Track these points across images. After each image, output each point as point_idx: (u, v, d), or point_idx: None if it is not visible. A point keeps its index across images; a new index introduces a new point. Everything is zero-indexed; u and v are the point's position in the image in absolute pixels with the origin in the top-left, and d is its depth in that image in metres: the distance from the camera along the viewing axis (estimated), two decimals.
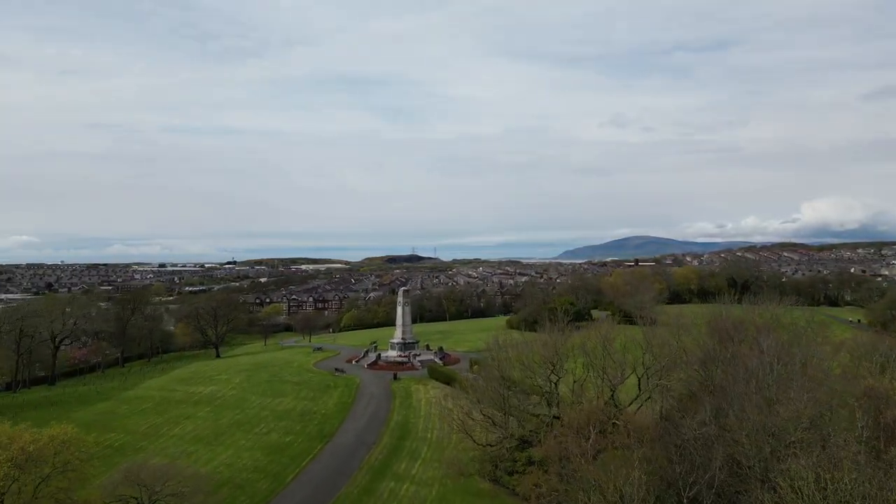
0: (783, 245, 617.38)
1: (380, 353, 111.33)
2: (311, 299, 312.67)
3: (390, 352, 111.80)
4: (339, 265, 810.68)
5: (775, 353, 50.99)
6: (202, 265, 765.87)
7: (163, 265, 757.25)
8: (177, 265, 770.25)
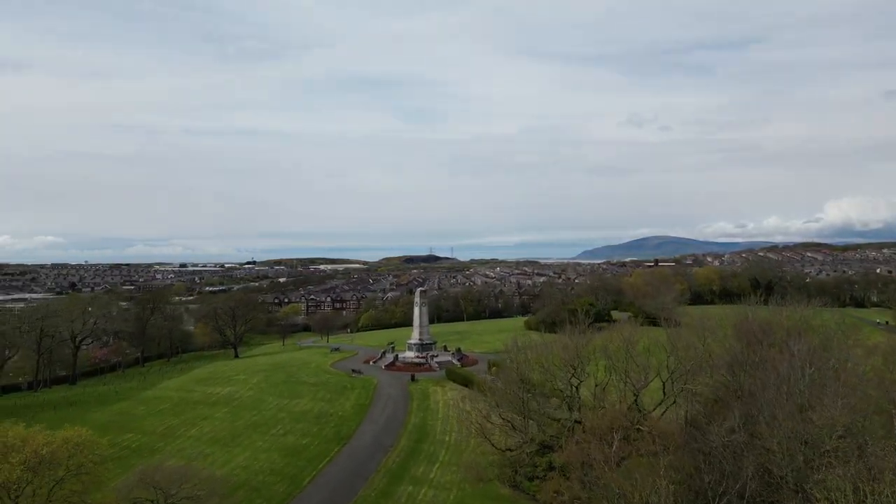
0: (806, 245, 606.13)
1: (397, 354, 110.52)
2: (330, 299, 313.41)
3: (408, 353, 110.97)
4: (357, 265, 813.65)
5: (807, 357, 49.13)
6: (222, 265, 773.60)
7: (184, 265, 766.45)
8: (197, 265, 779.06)
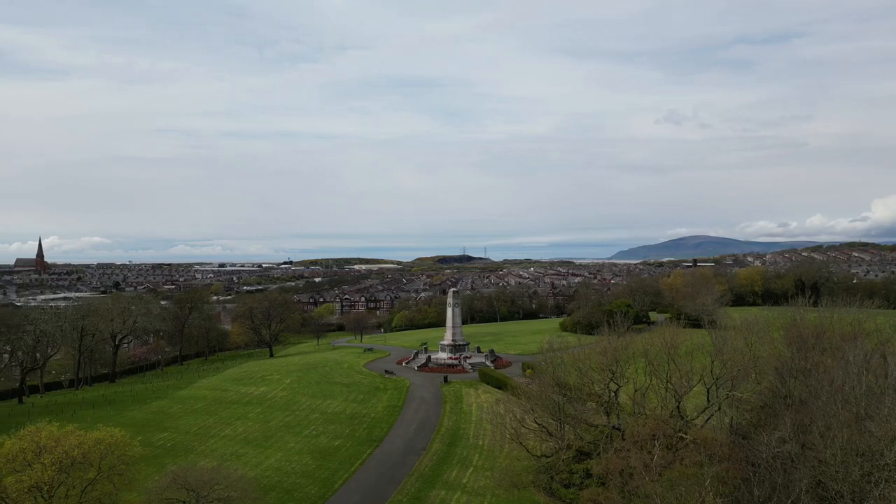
0: (852, 245, 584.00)
1: (430, 355, 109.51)
2: (364, 299, 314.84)
3: (440, 354, 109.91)
4: (391, 265, 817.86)
5: (862, 364, 46.23)
6: (260, 265, 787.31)
7: (223, 265, 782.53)
8: (236, 265, 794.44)
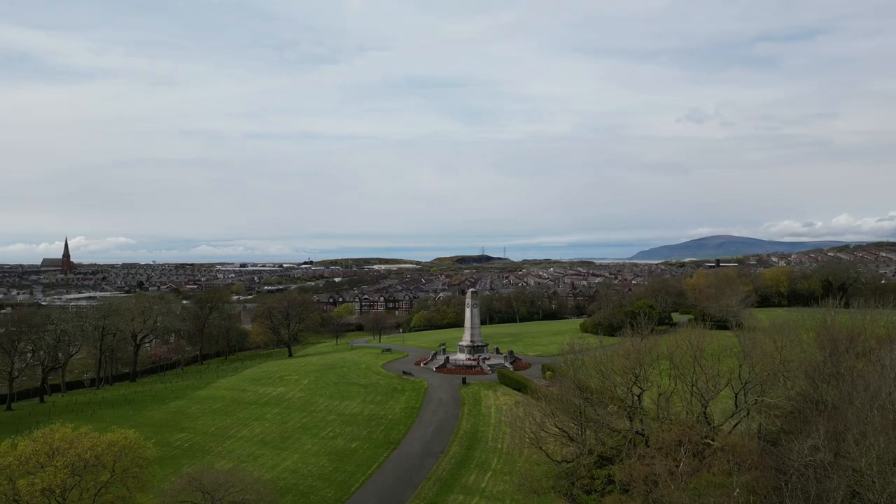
0: (880, 244, 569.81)
1: (448, 356, 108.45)
2: (382, 299, 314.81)
3: (459, 355, 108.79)
4: (410, 265, 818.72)
5: None
6: (280, 265, 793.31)
7: (244, 265, 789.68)
8: (257, 265, 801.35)
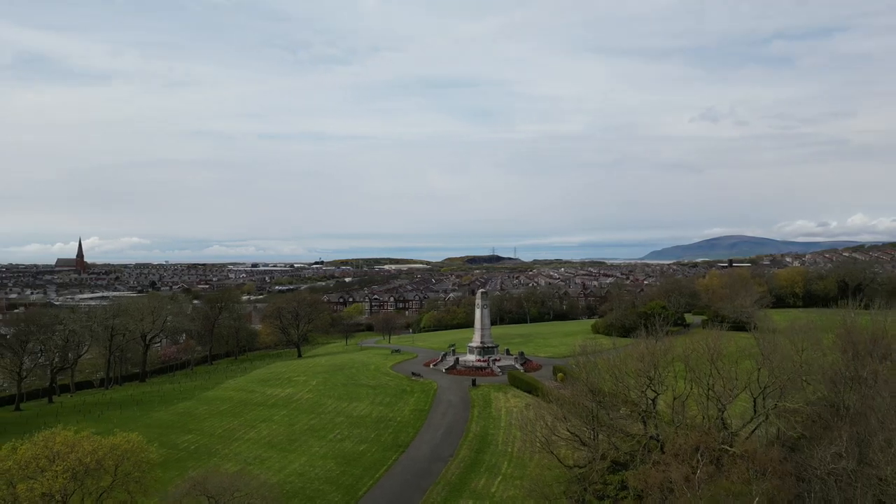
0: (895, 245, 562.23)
1: (458, 357, 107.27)
2: (393, 299, 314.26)
3: (468, 356, 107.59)
4: (421, 265, 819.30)
5: None
6: (292, 265, 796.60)
7: (255, 265, 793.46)
8: (268, 265, 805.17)
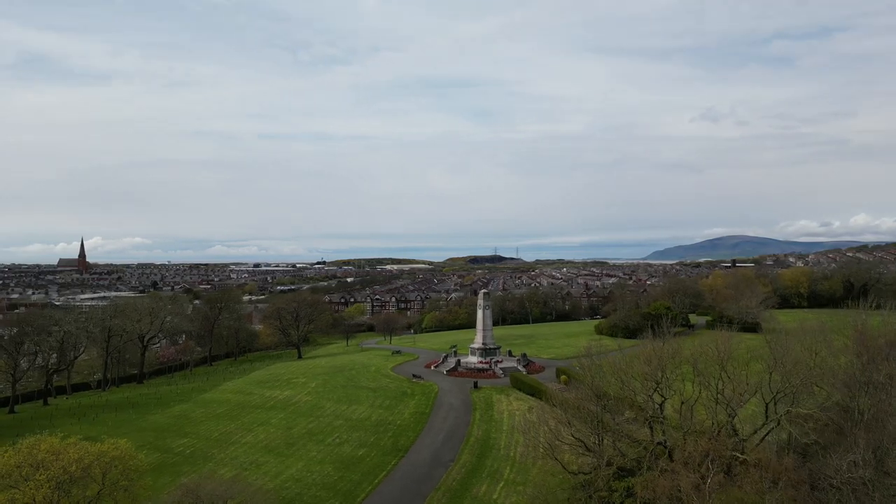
0: None
1: (459, 359, 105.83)
2: (394, 299, 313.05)
3: (470, 357, 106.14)
4: (423, 265, 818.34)
5: None
6: (293, 265, 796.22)
7: (257, 265, 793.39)
8: (270, 265, 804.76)
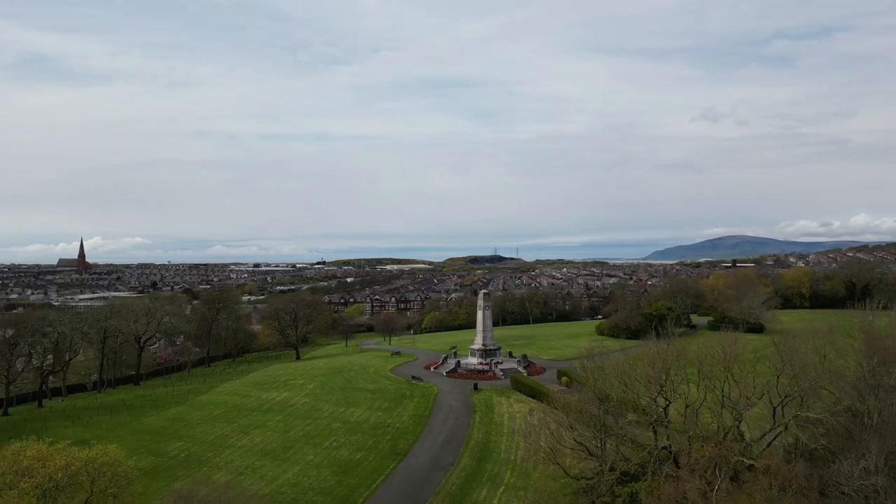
0: None
1: (459, 360, 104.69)
2: (394, 300, 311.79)
3: (470, 359, 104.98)
4: (423, 265, 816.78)
5: None
6: (293, 265, 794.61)
7: (257, 265, 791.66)
8: (270, 265, 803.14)
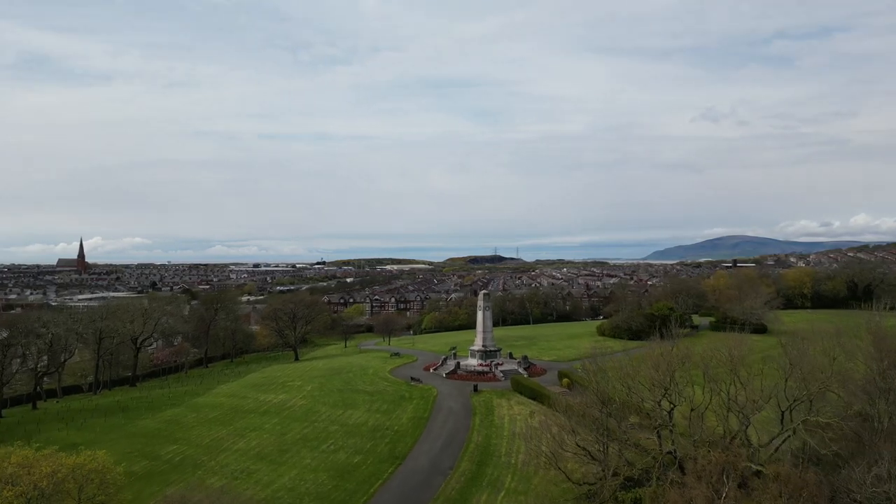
0: None
1: (458, 361, 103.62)
2: (394, 300, 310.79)
3: (470, 360, 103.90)
4: (423, 266, 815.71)
5: None
6: (293, 265, 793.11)
7: (257, 265, 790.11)
8: (270, 265, 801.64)
